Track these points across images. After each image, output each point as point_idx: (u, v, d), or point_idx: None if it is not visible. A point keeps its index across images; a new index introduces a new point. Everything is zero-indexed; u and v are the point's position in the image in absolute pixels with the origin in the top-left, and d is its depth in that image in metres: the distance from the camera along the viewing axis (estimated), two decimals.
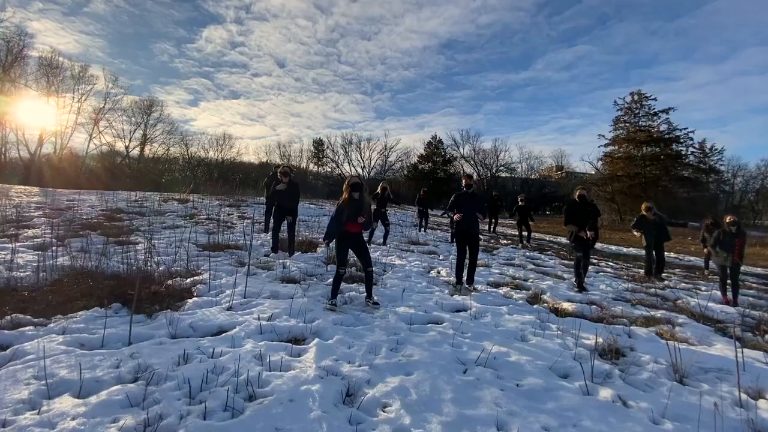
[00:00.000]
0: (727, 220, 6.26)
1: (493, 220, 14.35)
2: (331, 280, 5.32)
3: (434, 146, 44.46)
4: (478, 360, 3.09)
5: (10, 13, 30.63)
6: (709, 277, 9.01)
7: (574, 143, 77.83)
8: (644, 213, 8.06)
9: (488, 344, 3.48)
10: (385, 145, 47.99)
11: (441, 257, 8.27)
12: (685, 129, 27.19)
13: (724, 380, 3.27)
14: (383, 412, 2.33)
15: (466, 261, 5.64)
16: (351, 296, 4.64)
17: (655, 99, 28.28)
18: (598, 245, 12.71)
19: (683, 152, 27.34)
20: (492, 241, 12.23)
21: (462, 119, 71.38)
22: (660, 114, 27.64)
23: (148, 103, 39.51)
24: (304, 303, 4.10)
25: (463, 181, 5.78)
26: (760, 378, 3.28)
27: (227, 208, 13.34)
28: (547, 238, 15.47)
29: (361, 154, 49.04)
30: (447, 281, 5.94)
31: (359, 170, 50.01)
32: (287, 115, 66.26)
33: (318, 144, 50.98)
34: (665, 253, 8.44)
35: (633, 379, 3.09)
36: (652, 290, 6.73)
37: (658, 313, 5.15)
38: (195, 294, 4.28)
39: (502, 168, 48.68)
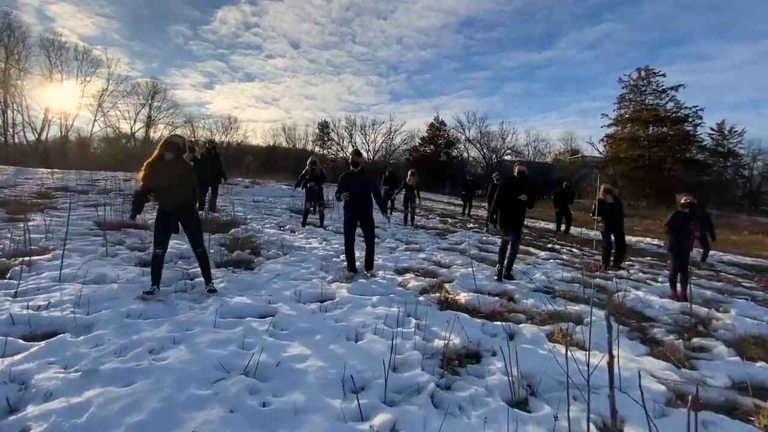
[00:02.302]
0: (681, 201, 5.31)
1: (467, 204, 13.46)
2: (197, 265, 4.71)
3: (437, 128, 43.02)
4: (249, 367, 2.41)
5: None
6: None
7: (596, 126, 74.52)
8: (602, 197, 7.12)
9: (296, 345, 2.81)
10: (390, 128, 46.80)
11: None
12: (694, 107, 25.06)
13: (582, 400, 2.53)
14: None
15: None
16: (197, 282, 4.01)
17: (663, 75, 25.98)
18: (574, 230, 11.73)
19: (691, 132, 25.22)
20: (458, 224, 11.40)
21: (480, 101, 68.82)
22: (668, 91, 25.50)
23: (151, 84, 39.26)
24: (113, 290, 3.49)
25: (350, 158, 5.05)
26: (631, 402, 2.51)
27: None
28: (528, 223, 14.45)
29: (365, 137, 48.07)
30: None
31: (364, 153, 49.13)
32: (301, 97, 65.18)
33: (323, 126, 50.17)
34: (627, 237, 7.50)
35: (449, 398, 2.37)
36: (596, 280, 5.89)
37: (576, 308, 4.36)
38: (8, 276, 3.71)
39: (509, 151, 47.04)
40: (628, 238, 10.91)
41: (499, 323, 3.65)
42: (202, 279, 4.07)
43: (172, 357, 2.45)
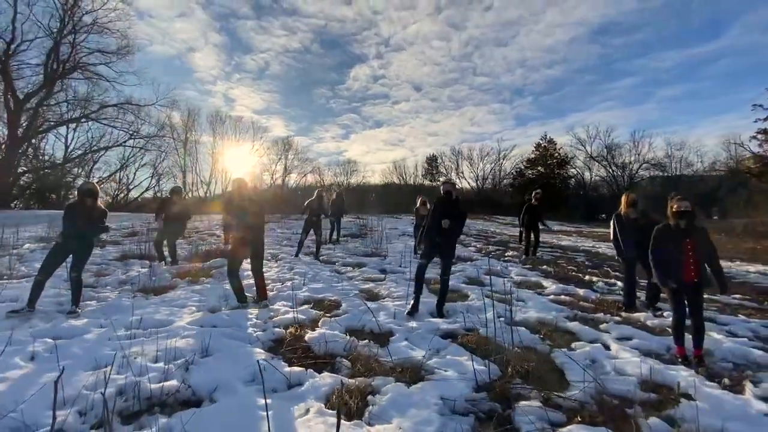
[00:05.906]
0: (674, 209, 3.46)
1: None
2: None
3: (544, 148, 38.93)
4: None
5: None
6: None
7: None
8: (624, 210, 5.20)
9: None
10: (498, 154, 44.39)
11: (349, 270, 7.05)
12: None
13: None
14: None
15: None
16: (83, 305, 4.35)
17: None
18: None
19: None
20: (496, 252, 9.77)
21: (625, 112, 60.41)
22: None
23: (286, 140, 46.48)
24: None
25: (233, 184, 4.92)
26: None
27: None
28: (589, 246, 11.28)
29: (473, 166, 46.65)
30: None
31: (472, 182, 47.63)
32: (425, 135, 68.29)
33: (431, 160, 50.86)
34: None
35: None
36: (572, 323, 4.20)
37: (444, 359, 3.15)
38: None
39: (645, 165, 39.14)
40: (728, 264, 7.50)
41: (294, 369, 2.89)
42: (93, 302, 4.45)
43: None
